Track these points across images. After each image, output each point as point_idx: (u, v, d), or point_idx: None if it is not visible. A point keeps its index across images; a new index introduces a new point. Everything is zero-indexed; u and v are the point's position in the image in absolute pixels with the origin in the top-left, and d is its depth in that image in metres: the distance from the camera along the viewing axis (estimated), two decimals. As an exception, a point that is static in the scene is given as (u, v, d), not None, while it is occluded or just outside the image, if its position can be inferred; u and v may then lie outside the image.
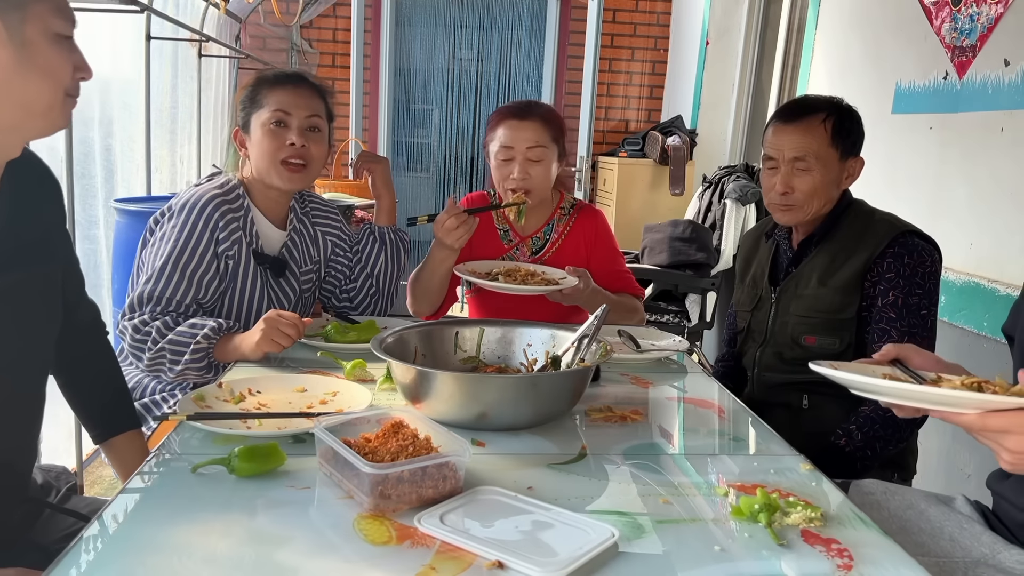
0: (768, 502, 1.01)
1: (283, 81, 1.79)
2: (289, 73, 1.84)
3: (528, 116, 2.04)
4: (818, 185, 1.76)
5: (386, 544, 0.92)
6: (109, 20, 3.01)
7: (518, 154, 2.02)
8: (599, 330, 1.43)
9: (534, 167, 2.03)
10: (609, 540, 0.92)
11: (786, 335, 1.83)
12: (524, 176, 2.02)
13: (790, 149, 1.77)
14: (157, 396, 1.75)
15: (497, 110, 2.12)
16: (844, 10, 3.36)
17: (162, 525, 0.94)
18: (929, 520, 1.29)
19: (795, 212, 1.80)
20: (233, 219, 1.74)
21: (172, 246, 1.68)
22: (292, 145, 1.75)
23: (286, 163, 1.76)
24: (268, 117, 1.75)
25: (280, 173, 1.76)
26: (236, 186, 1.79)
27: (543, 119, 2.05)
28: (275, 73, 1.83)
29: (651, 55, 5.61)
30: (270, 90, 1.77)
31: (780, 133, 1.80)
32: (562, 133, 2.11)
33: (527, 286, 1.87)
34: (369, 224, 2.03)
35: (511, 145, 2.02)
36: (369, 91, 5.41)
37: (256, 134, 1.77)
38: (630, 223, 4.62)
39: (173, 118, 3.92)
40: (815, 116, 1.77)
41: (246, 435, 1.18)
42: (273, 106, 1.75)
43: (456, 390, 1.26)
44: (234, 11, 4.47)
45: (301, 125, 1.77)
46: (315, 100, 1.81)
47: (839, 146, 1.76)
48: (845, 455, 1.62)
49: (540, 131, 2.03)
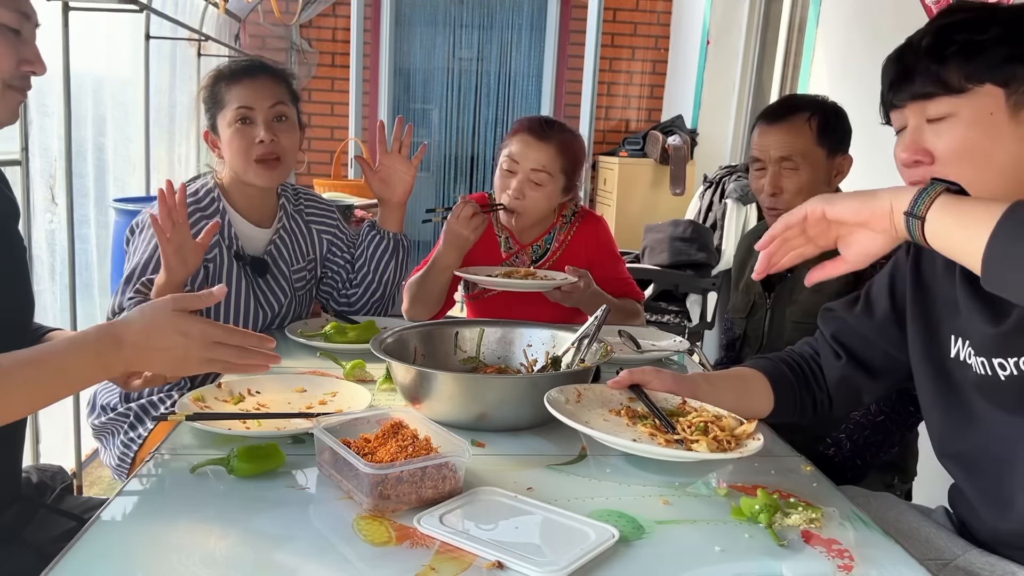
0: (769, 503, 1.01)
1: (240, 75, 1.75)
2: (245, 65, 1.79)
3: (545, 138, 1.98)
4: (805, 184, 1.76)
5: (385, 544, 0.91)
6: (108, 19, 3.01)
7: (521, 172, 1.98)
8: (599, 330, 1.42)
9: (532, 190, 1.99)
10: (609, 541, 0.91)
11: (783, 341, 1.82)
12: (518, 196, 1.98)
13: (776, 149, 1.77)
14: (155, 397, 1.75)
15: (522, 119, 2.07)
16: (845, 9, 3.35)
17: (161, 525, 0.94)
18: (908, 522, 1.31)
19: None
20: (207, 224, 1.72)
21: (139, 259, 1.68)
22: (262, 142, 1.72)
23: (260, 161, 1.73)
24: (232, 116, 1.72)
25: (256, 172, 1.74)
26: (211, 190, 1.77)
27: (559, 147, 1.98)
28: (231, 67, 1.78)
29: (652, 54, 5.61)
30: (229, 86, 1.73)
31: (765, 134, 1.80)
32: (574, 167, 2.04)
33: (527, 281, 1.86)
34: (374, 226, 1.99)
35: (517, 161, 1.98)
36: (369, 91, 5.41)
37: (225, 134, 1.74)
38: (630, 223, 4.62)
39: (171, 117, 3.92)
40: (800, 115, 1.77)
41: (245, 435, 1.18)
42: (235, 103, 1.72)
43: (456, 391, 1.25)
44: (233, 10, 4.47)
45: (267, 118, 1.73)
46: (276, 87, 1.76)
47: (825, 144, 1.76)
48: (834, 465, 1.62)
49: (551, 157, 1.98)
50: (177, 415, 1.20)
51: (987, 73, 1.02)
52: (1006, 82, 1.01)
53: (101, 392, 1.81)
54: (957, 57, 1.03)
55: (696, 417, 1.18)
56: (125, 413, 1.74)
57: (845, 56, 3.32)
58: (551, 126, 2.02)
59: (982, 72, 1.02)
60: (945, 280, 1.19)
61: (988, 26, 1.03)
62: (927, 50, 1.06)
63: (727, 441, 1.11)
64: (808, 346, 1.41)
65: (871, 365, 1.32)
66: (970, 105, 1.03)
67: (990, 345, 1.07)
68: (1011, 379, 1.05)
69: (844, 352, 1.33)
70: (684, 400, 1.25)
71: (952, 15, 1.08)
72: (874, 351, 1.32)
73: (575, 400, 1.24)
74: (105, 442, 1.78)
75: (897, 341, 1.28)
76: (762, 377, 1.34)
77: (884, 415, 1.62)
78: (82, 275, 2.95)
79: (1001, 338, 1.01)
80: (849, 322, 1.34)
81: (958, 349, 1.15)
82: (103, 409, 1.78)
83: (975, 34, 1.03)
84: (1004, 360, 1.05)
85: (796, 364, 1.37)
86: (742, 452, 1.08)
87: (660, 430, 1.15)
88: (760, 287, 1.91)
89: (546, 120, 2.04)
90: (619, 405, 1.26)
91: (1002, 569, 1.15)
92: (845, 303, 1.37)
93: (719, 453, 1.08)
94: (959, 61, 1.03)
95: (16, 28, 1.12)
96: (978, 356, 1.10)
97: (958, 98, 1.03)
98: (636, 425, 1.18)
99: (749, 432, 1.14)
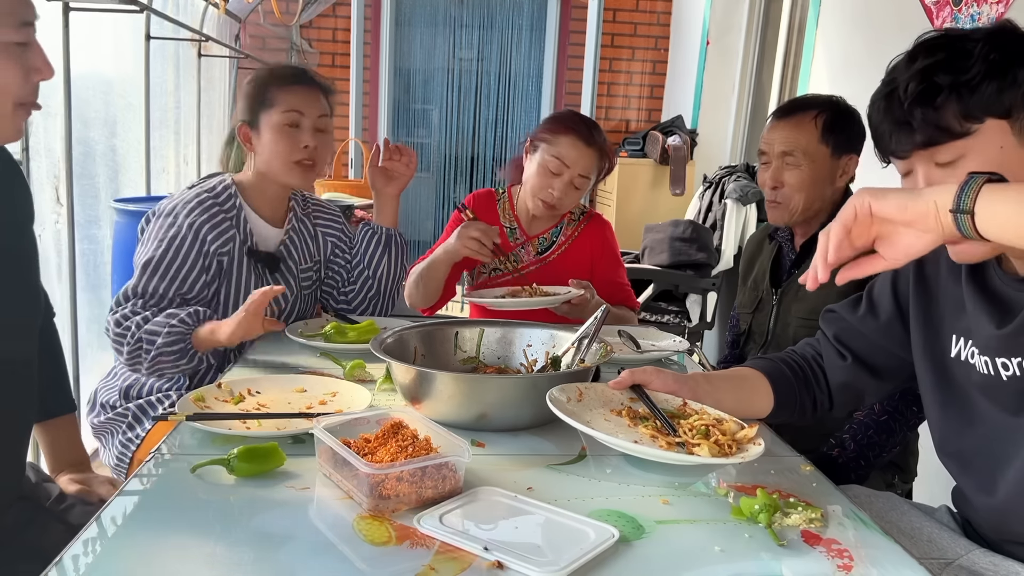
0: (768, 503, 1.01)
1: (292, 80, 1.80)
2: (297, 72, 1.85)
3: (593, 144, 2.01)
4: (806, 180, 1.77)
5: (385, 544, 0.92)
6: (109, 20, 3.01)
7: (568, 175, 2.01)
8: (599, 330, 1.43)
9: (572, 193, 2.04)
10: (609, 541, 0.91)
11: (787, 337, 1.82)
12: (562, 197, 2.02)
13: (779, 143, 1.79)
14: (153, 397, 1.75)
15: (564, 115, 2.09)
16: (845, 10, 3.35)
17: (161, 526, 0.94)
18: (910, 522, 1.31)
19: (781, 210, 1.81)
20: (224, 219, 1.75)
21: (156, 245, 1.70)
22: (306, 147, 1.78)
23: (299, 163, 1.78)
24: (281, 119, 1.76)
25: (294, 173, 1.79)
26: (228, 186, 1.80)
27: (600, 152, 2.03)
28: (283, 71, 1.84)
29: (651, 55, 5.61)
30: (280, 89, 1.78)
31: (773, 129, 1.83)
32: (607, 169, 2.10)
33: (537, 299, 1.87)
34: (369, 224, 2.02)
35: (568, 165, 2.00)
36: (369, 91, 5.41)
37: (267, 134, 1.78)
38: (631, 223, 4.62)
39: (177, 118, 3.92)
40: (807, 113, 1.79)
41: (245, 435, 1.18)
42: (285, 107, 1.76)
43: (456, 391, 1.25)
44: (234, 11, 4.47)
45: (314, 126, 1.79)
46: (322, 99, 1.82)
47: (830, 142, 1.76)
48: (839, 466, 1.62)
49: (595, 162, 2.03)
50: (177, 415, 1.20)
51: (986, 110, 1.01)
52: (1007, 112, 1.01)
53: (102, 390, 1.82)
54: (951, 102, 1.01)
55: (697, 420, 1.18)
56: (124, 412, 1.74)
57: (845, 56, 3.32)
58: (595, 128, 2.06)
59: (980, 110, 1.01)
60: (949, 280, 1.19)
61: (969, 63, 1.01)
62: (917, 99, 1.04)
63: (728, 445, 1.11)
64: (810, 347, 1.41)
65: (876, 366, 1.32)
66: (977, 144, 1.02)
67: (994, 345, 1.07)
68: (1012, 379, 1.05)
69: (849, 353, 1.33)
70: (685, 402, 1.25)
71: (930, 54, 1.05)
72: (879, 352, 1.32)
73: (576, 399, 1.24)
74: (104, 441, 1.78)
75: (902, 340, 1.28)
76: (762, 377, 1.34)
77: (888, 415, 1.62)
78: (90, 275, 2.96)
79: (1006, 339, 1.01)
80: (852, 323, 1.34)
81: (959, 349, 1.15)
82: (103, 407, 1.78)
83: (959, 74, 1.01)
84: (1008, 360, 1.06)
85: (797, 365, 1.37)
86: (743, 457, 1.08)
87: (661, 432, 1.15)
88: (768, 283, 1.92)
89: (590, 122, 2.08)
90: (620, 405, 1.26)
91: (1006, 569, 1.15)
92: (847, 305, 1.37)
93: (720, 458, 1.08)
94: (954, 106, 1.01)
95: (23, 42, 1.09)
96: (982, 355, 1.10)
97: (964, 140, 1.02)
98: (637, 426, 1.18)
99: (750, 436, 1.14)
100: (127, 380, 1.78)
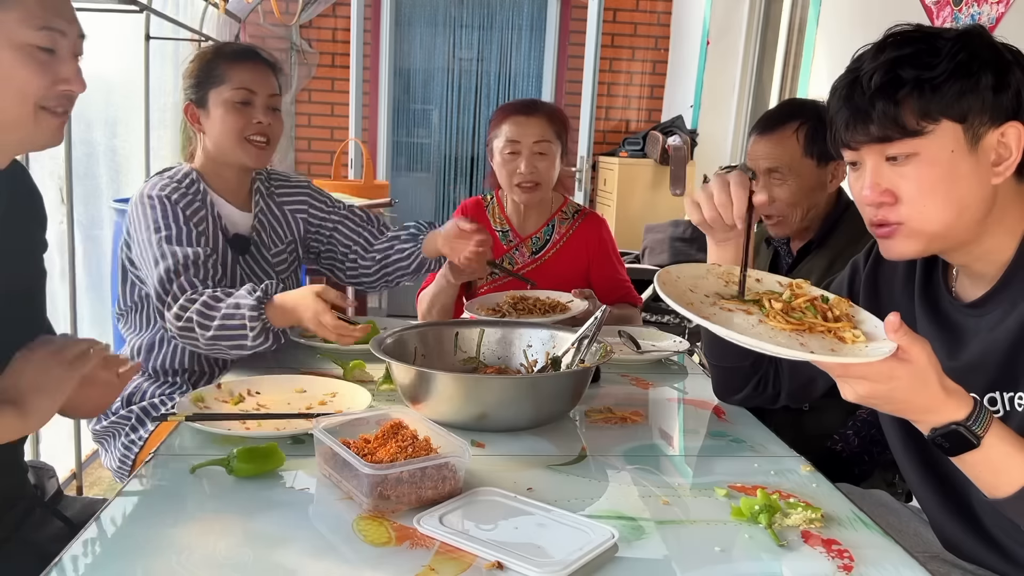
0: (768, 503, 1.01)
1: (242, 57, 1.75)
2: (246, 48, 1.80)
3: (534, 112, 2.08)
4: (795, 194, 1.76)
5: (385, 545, 0.92)
6: (109, 20, 3.01)
7: (524, 148, 2.06)
8: (599, 331, 1.42)
9: (541, 160, 2.07)
10: (609, 541, 0.91)
11: None
12: (531, 169, 2.06)
13: (764, 160, 1.78)
14: (156, 399, 1.74)
15: (501, 108, 2.15)
16: (845, 10, 3.35)
17: (161, 526, 0.94)
18: (899, 517, 1.32)
19: (782, 225, 1.81)
20: (194, 200, 1.70)
21: (155, 226, 1.64)
22: (259, 123, 1.73)
23: (251, 140, 1.73)
24: (232, 95, 1.71)
25: (247, 150, 1.74)
26: (188, 173, 1.74)
27: (548, 115, 2.10)
28: (232, 47, 1.80)
29: (652, 55, 5.60)
30: (230, 65, 1.73)
31: (756, 144, 1.81)
32: (565, 130, 2.14)
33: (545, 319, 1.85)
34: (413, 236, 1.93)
35: (518, 140, 2.06)
36: (369, 91, 5.41)
37: (217, 111, 1.72)
38: (631, 223, 4.62)
39: (177, 118, 3.91)
40: (788, 126, 1.76)
41: (245, 436, 1.18)
42: (236, 83, 1.71)
43: (456, 391, 1.26)
44: (233, 11, 4.47)
45: (265, 104, 1.74)
46: (272, 77, 1.78)
47: (814, 153, 1.74)
48: (842, 461, 1.62)
49: (545, 126, 2.08)
50: (177, 416, 1.20)
51: (943, 111, 1.00)
52: (963, 117, 1.00)
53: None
54: (911, 98, 1.01)
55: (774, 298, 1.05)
56: (127, 416, 1.73)
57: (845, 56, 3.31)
58: (533, 102, 2.13)
59: (938, 111, 1.00)
60: (903, 299, 1.19)
61: (936, 60, 1.01)
62: (879, 91, 1.04)
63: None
64: None
65: None
66: (930, 145, 1.01)
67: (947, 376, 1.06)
68: None
69: None
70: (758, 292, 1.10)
71: (899, 47, 1.05)
72: None
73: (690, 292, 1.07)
74: (106, 445, 1.78)
75: None
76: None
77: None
78: (91, 276, 2.96)
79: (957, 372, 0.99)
80: None
81: None
82: (104, 413, 1.77)
83: (924, 70, 1.01)
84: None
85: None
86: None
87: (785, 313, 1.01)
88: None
89: (527, 100, 2.15)
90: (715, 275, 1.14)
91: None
92: None
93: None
94: (914, 102, 1.01)
95: (49, 47, 1.07)
96: None
97: (918, 139, 1.02)
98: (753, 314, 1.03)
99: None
100: (128, 387, 1.77)
